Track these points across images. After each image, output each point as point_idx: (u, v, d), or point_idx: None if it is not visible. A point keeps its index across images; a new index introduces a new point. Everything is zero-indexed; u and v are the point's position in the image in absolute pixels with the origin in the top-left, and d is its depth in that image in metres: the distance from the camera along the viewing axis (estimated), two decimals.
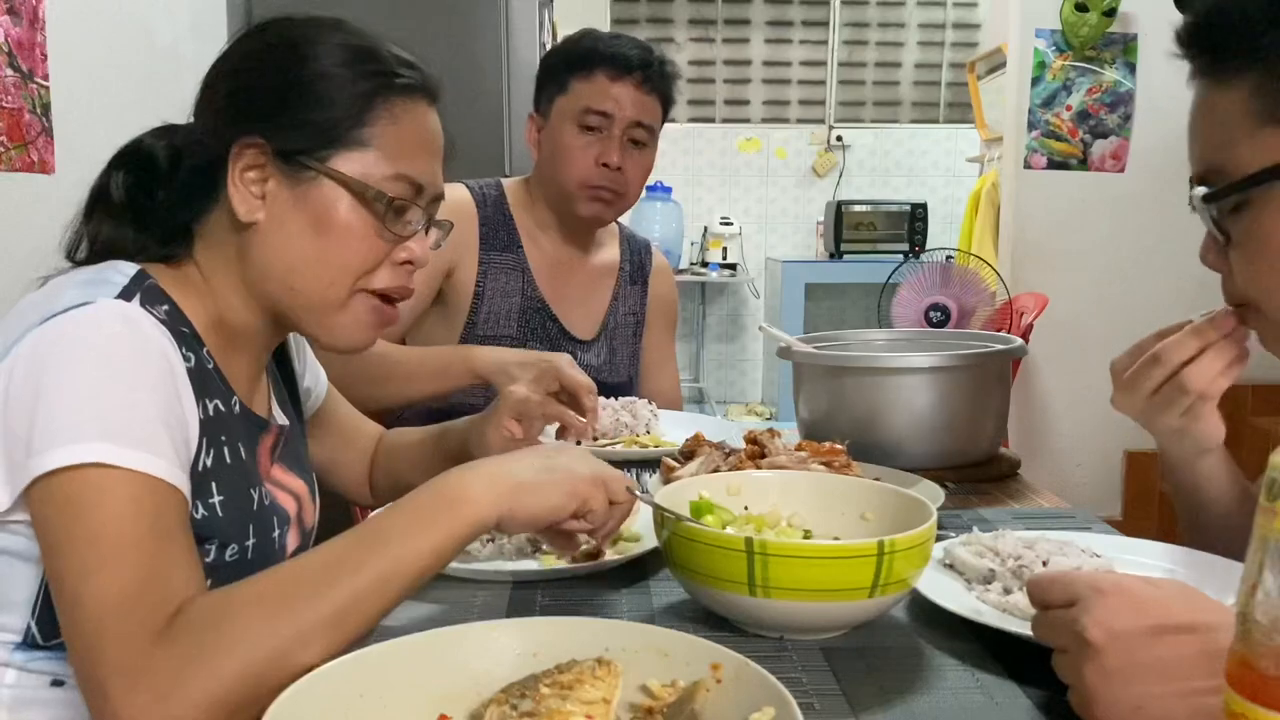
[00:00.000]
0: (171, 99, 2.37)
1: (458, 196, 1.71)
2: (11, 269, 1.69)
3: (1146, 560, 0.94)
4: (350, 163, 0.89)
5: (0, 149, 1.70)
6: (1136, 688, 0.63)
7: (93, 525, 0.71)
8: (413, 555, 0.75)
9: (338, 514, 1.23)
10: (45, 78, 1.81)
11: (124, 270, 0.85)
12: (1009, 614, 0.83)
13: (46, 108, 1.81)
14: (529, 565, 0.97)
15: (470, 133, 2.53)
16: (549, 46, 3.19)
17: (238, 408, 0.92)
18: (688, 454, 1.19)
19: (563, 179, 1.69)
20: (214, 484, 0.86)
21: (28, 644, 0.79)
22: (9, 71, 1.72)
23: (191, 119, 0.94)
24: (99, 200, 0.93)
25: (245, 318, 0.93)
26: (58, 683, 0.80)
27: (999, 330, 2.96)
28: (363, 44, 0.93)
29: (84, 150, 1.85)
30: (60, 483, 0.71)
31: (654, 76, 1.69)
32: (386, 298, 0.95)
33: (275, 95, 0.89)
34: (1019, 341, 1.40)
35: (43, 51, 1.81)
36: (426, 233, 0.97)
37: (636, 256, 1.91)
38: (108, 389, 0.75)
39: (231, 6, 2.62)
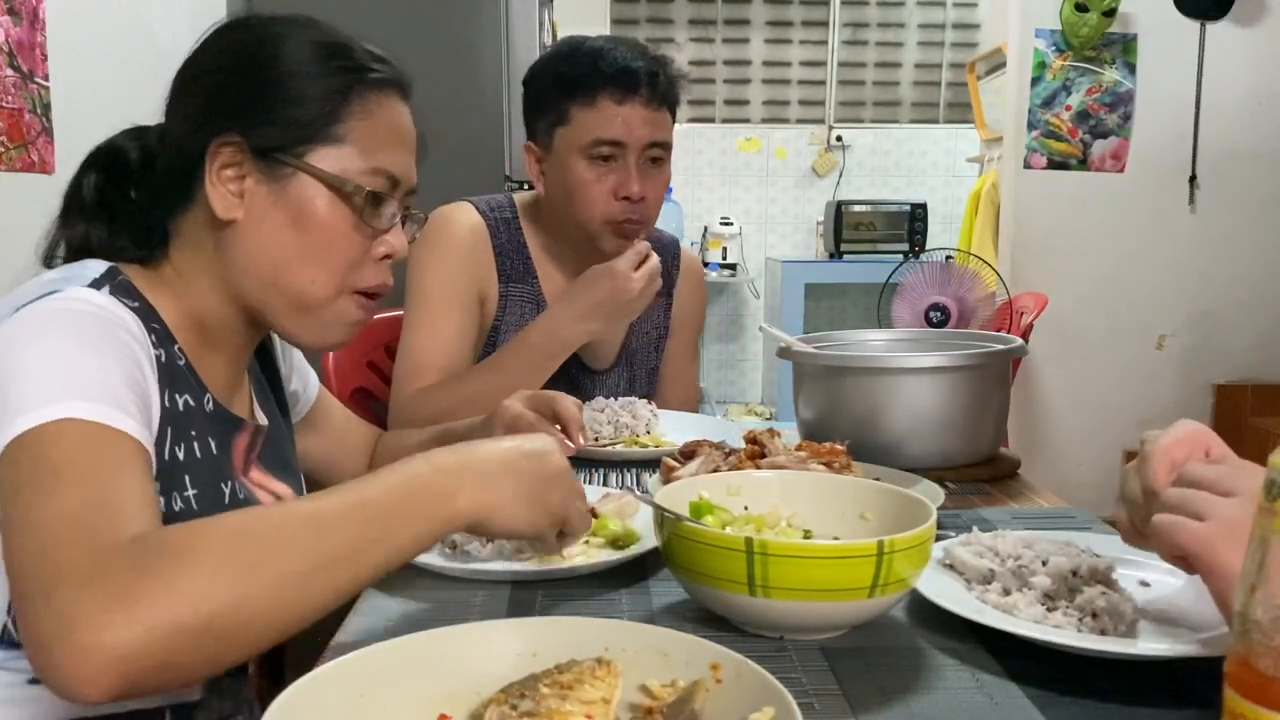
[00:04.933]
0: None
1: (471, 221, 1.61)
2: (11, 269, 1.69)
3: (1146, 560, 0.94)
4: (327, 158, 0.91)
5: (0, 149, 1.70)
6: None
7: (46, 461, 0.69)
8: (391, 538, 0.72)
9: None
10: (45, 78, 1.81)
11: (94, 267, 0.87)
12: (1009, 614, 0.82)
13: (47, 108, 1.81)
14: (529, 565, 0.97)
15: (470, 134, 2.52)
16: (548, 47, 3.18)
17: (210, 405, 0.92)
18: (688, 454, 1.19)
19: (581, 217, 1.56)
20: (186, 477, 0.86)
21: (5, 643, 0.79)
22: (9, 71, 1.72)
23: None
24: (73, 202, 0.95)
25: (222, 316, 0.94)
26: (34, 681, 0.79)
27: (999, 330, 2.96)
28: (334, 40, 0.94)
29: (84, 150, 1.85)
30: (23, 440, 0.70)
31: (661, 88, 1.54)
32: (369, 295, 0.97)
33: (250, 93, 0.91)
34: (1019, 341, 1.40)
35: (43, 51, 1.81)
36: (403, 226, 0.98)
37: (664, 267, 1.74)
38: (74, 357, 0.76)
39: (231, 6, 2.62)
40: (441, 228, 1.60)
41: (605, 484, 1.30)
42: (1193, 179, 3.70)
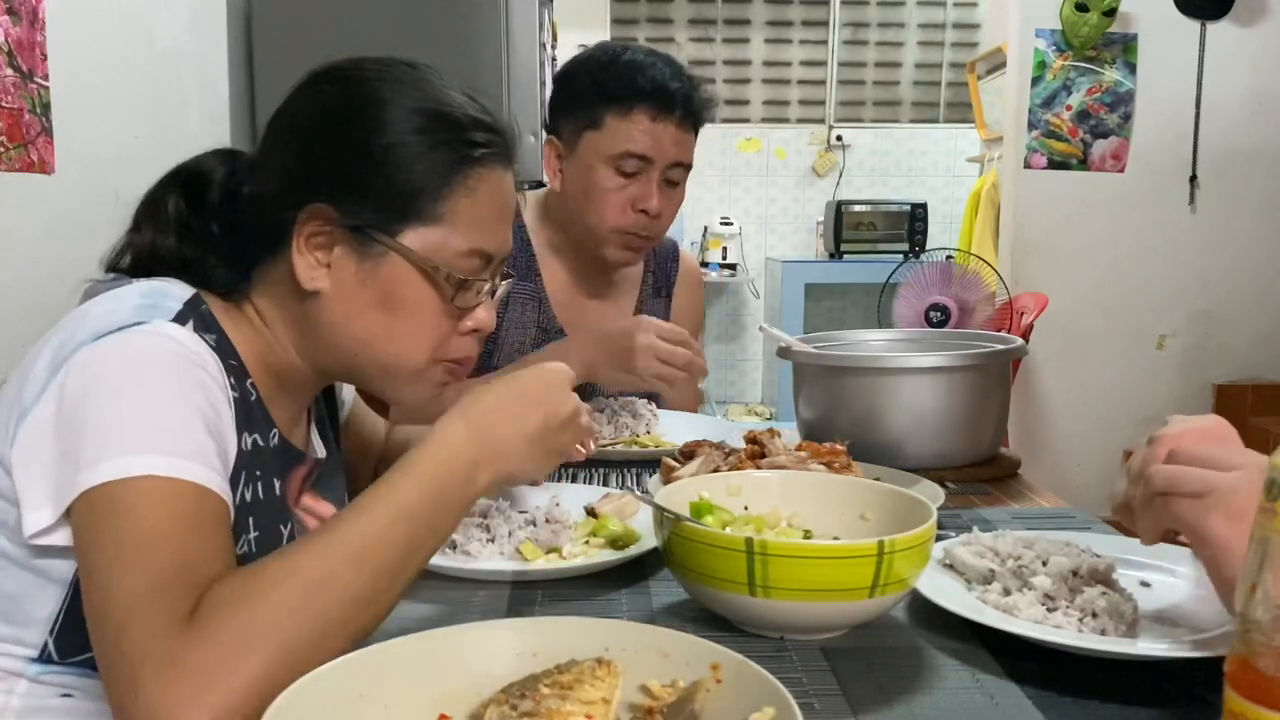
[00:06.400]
0: (171, 99, 2.37)
1: None
2: (11, 269, 1.69)
3: (1147, 560, 0.94)
4: (422, 238, 0.86)
5: (0, 149, 1.70)
6: None
7: (129, 522, 0.69)
8: (433, 533, 0.76)
9: None
10: (45, 78, 1.81)
11: (178, 293, 0.84)
12: (1009, 614, 0.82)
13: (46, 108, 1.81)
14: (529, 565, 0.97)
15: None
16: (549, 48, 3.18)
17: (275, 440, 0.90)
18: (688, 454, 1.19)
19: (594, 222, 1.58)
20: (250, 519, 0.85)
21: (43, 659, 0.79)
22: (9, 71, 1.72)
23: (236, 147, 0.92)
24: (147, 217, 0.91)
25: (297, 368, 0.92)
26: (67, 694, 0.80)
27: (999, 330, 2.96)
28: (438, 107, 0.88)
29: (84, 150, 1.85)
30: (106, 491, 0.70)
31: (695, 110, 1.57)
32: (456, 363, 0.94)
33: (346, 164, 0.86)
34: (1019, 341, 1.40)
35: (43, 51, 1.80)
36: (492, 295, 0.94)
37: (662, 267, 1.81)
38: (160, 404, 0.74)
39: (231, 6, 2.62)
40: None
41: (605, 484, 1.30)
42: (1193, 179, 3.70)
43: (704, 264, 5.13)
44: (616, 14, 5.26)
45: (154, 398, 0.74)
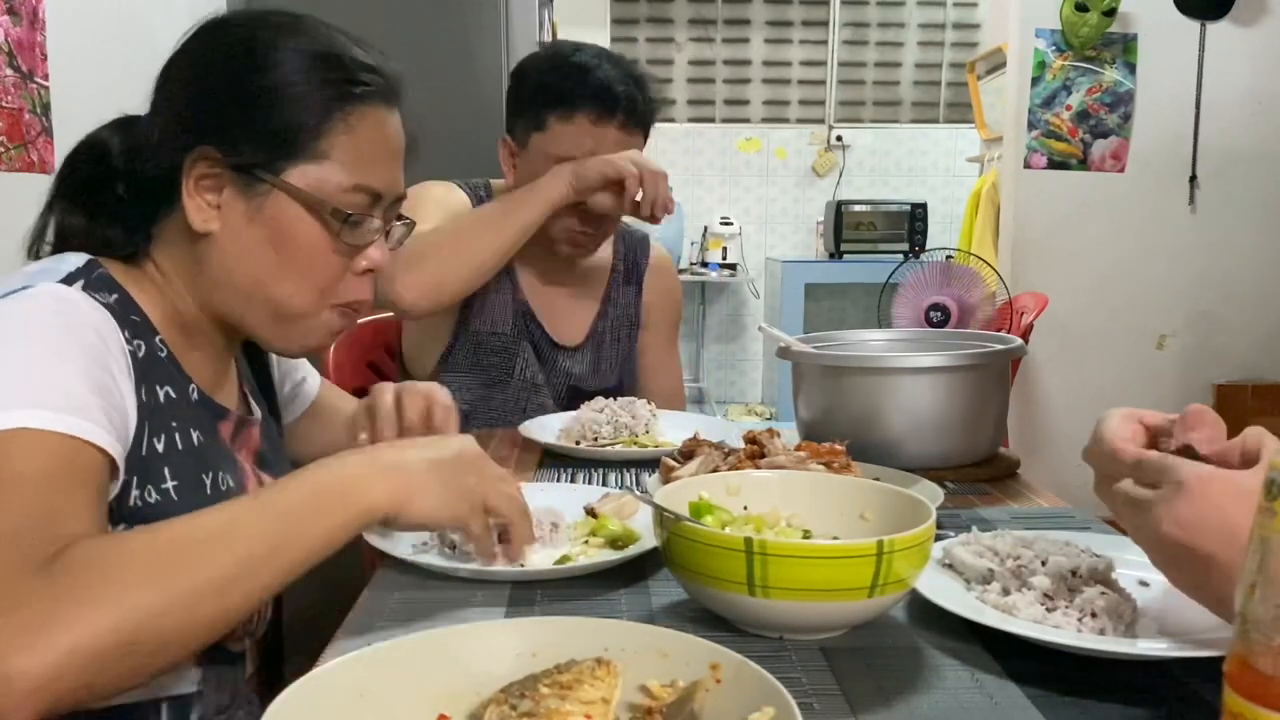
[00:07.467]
0: None
1: (458, 200, 1.69)
2: (12, 269, 1.69)
3: (1146, 560, 0.94)
4: (306, 175, 0.89)
5: (0, 149, 1.70)
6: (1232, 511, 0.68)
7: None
8: (304, 537, 0.74)
9: None
10: (45, 78, 1.81)
11: (73, 260, 0.86)
12: (1008, 614, 0.82)
13: (46, 108, 1.81)
14: (529, 565, 0.97)
15: (469, 133, 2.52)
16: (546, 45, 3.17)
17: (195, 395, 0.92)
18: (687, 454, 1.19)
19: (544, 222, 1.59)
20: (165, 469, 0.86)
21: None
22: (9, 71, 1.72)
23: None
24: (59, 194, 0.94)
25: (198, 319, 0.94)
26: None
27: (999, 330, 2.96)
28: (319, 49, 0.91)
29: None
30: None
31: (639, 112, 1.59)
32: (351, 306, 0.96)
33: (229, 105, 0.88)
34: (1019, 341, 1.40)
35: (43, 51, 1.81)
36: (387, 236, 0.97)
37: (631, 256, 1.86)
38: (37, 359, 0.75)
39: (231, 6, 2.62)
40: (440, 196, 1.68)
41: (604, 484, 1.30)
42: (1193, 179, 3.70)
43: (704, 264, 5.14)
44: (616, 14, 5.26)
45: (31, 354, 0.75)
